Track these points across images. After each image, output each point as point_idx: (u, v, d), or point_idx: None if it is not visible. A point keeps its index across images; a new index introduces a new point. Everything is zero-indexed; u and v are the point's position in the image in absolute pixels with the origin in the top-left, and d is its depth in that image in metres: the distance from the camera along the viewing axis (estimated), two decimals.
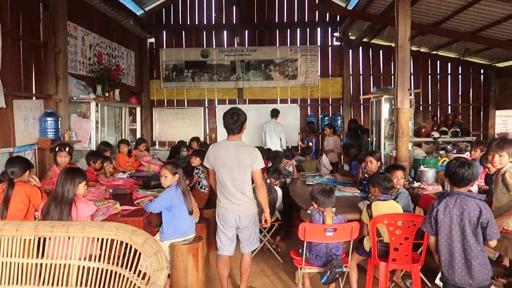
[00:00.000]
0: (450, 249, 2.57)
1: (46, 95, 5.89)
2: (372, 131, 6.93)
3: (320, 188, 3.12)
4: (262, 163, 3.28)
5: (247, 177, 3.28)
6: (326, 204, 3.08)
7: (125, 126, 7.87)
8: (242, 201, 3.30)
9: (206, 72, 10.26)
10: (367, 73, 10.27)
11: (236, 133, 3.33)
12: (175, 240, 3.41)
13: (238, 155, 3.25)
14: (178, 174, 3.42)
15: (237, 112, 3.32)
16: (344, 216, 3.14)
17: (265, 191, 3.36)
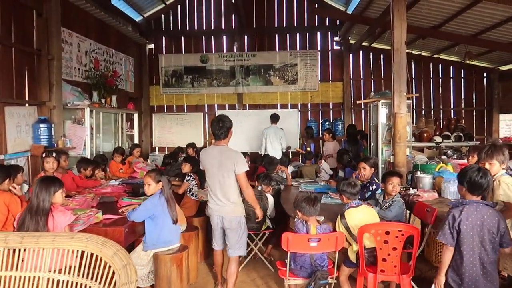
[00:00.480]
0: (473, 260, 2.51)
1: (40, 101, 5.87)
2: (370, 136, 6.81)
3: (304, 196, 3.02)
4: (244, 167, 3.42)
5: (231, 180, 3.43)
6: (311, 212, 2.98)
7: (123, 133, 7.83)
8: (225, 204, 3.47)
9: (205, 77, 10.22)
10: (368, 78, 10.16)
11: (222, 139, 3.50)
12: (159, 250, 3.33)
13: (221, 159, 3.45)
14: (162, 182, 3.34)
15: (222, 119, 3.50)
16: (329, 226, 3.03)
17: (251, 191, 3.50)
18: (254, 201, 3.58)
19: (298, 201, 3.03)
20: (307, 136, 8.82)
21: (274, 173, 5.26)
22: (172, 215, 3.35)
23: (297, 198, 3.06)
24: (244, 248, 3.61)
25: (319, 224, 2.99)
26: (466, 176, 2.59)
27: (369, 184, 4.30)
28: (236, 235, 3.53)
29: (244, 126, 9.90)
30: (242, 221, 3.57)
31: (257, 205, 3.63)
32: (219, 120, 3.48)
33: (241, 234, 3.56)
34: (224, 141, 3.52)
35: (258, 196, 4.31)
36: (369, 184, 4.29)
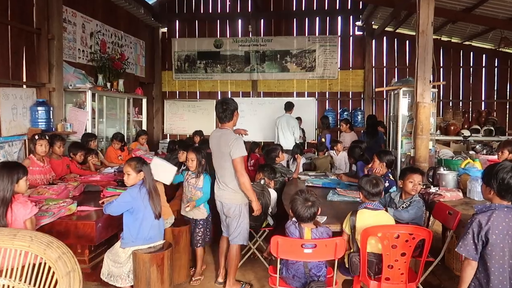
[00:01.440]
0: (503, 280, 2.06)
1: (39, 83, 5.62)
2: (389, 128, 6.26)
3: (300, 198, 2.57)
4: (241, 152, 3.25)
5: (228, 165, 3.32)
6: (303, 218, 2.55)
7: (129, 118, 7.54)
8: (224, 189, 3.41)
9: (219, 63, 9.82)
10: (391, 65, 9.51)
11: (227, 122, 3.39)
12: (139, 247, 2.97)
13: (220, 142, 3.36)
14: (143, 172, 2.97)
15: (226, 101, 3.40)
16: (327, 229, 2.58)
17: (246, 179, 3.28)
18: (249, 191, 3.33)
19: (293, 200, 2.60)
20: (323, 126, 8.31)
21: (278, 164, 4.82)
22: (154, 209, 2.98)
23: (294, 197, 2.61)
24: (244, 237, 3.48)
25: (316, 227, 2.55)
26: (496, 176, 2.10)
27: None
28: (235, 223, 3.42)
29: (258, 115, 9.51)
30: (241, 210, 3.42)
31: (253, 197, 3.37)
32: (222, 102, 3.38)
33: (240, 222, 3.43)
34: (228, 125, 3.41)
35: (260, 191, 3.89)
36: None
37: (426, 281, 3.20)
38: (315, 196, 2.59)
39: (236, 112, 3.43)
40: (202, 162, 3.64)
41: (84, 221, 2.80)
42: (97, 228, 2.79)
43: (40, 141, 4.11)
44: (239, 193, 3.38)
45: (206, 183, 3.63)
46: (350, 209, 3.35)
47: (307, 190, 2.59)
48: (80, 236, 2.75)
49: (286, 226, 2.61)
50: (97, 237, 2.79)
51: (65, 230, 2.77)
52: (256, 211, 3.46)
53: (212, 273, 3.93)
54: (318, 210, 2.58)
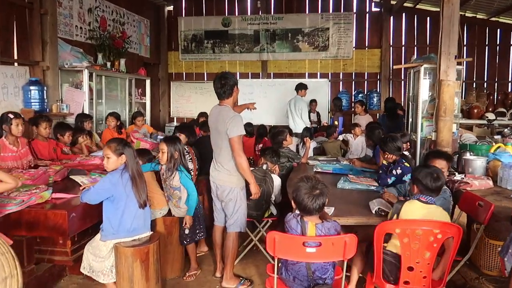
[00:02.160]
0: None
1: (32, 61, 5.29)
2: (408, 110, 5.76)
3: (306, 186, 2.15)
4: (239, 130, 2.98)
5: (225, 144, 3.06)
6: (307, 210, 2.12)
7: (131, 100, 7.19)
8: (219, 170, 3.15)
9: (227, 42, 9.36)
10: (411, 44, 8.89)
11: (225, 98, 3.12)
12: (121, 240, 2.63)
13: (217, 120, 3.11)
14: (125, 155, 2.60)
15: (225, 76, 3.13)
16: (335, 223, 2.16)
17: (243, 160, 2.99)
18: (246, 172, 3.03)
19: (296, 188, 2.19)
20: (335, 108, 7.83)
21: (286, 148, 4.40)
22: (139, 198, 2.63)
23: (298, 185, 2.18)
24: (241, 224, 3.20)
25: (322, 221, 2.15)
26: None
27: (393, 167, 3.32)
28: (231, 208, 3.16)
29: (268, 97, 9.06)
30: (237, 194, 3.14)
31: (251, 178, 3.08)
32: (221, 77, 3.12)
33: (237, 208, 3.15)
34: (227, 101, 3.13)
35: (262, 177, 3.51)
36: (393, 167, 3.31)
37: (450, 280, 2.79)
38: (323, 184, 2.17)
39: (235, 87, 3.14)
40: (175, 155, 3.15)
41: (55, 210, 2.45)
42: (70, 219, 2.44)
43: (16, 120, 3.67)
44: (235, 176, 3.12)
45: (184, 180, 3.17)
46: (363, 199, 2.96)
47: (314, 177, 2.16)
48: (51, 227, 2.41)
49: (286, 219, 2.20)
50: (70, 229, 2.44)
51: (34, 221, 2.44)
52: (254, 195, 3.12)
53: (209, 266, 3.59)
54: (327, 200, 2.17)
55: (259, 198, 3.42)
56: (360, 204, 2.81)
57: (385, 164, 3.34)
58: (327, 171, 3.94)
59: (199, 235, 3.42)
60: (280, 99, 8.56)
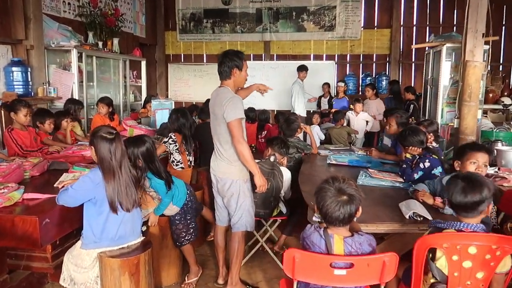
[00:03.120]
0: None
1: (13, 39, 4.80)
2: (425, 95, 5.32)
3: (331, 189, 1.68)
4: (237, 113, 2.60)
5: (222, 130, 2.70)
6: (334, 220, 1.67)
7: (126, 83, 6.72)
8: (218, 159, 2.79)
9: (228, 22, 8.82)
10: (423, 24, 8.35)
11: (226, 79, 2.75)
12: (107, 249, 2.22)
13: (214, 103, 2.76)
14: (93, 147, 2.17)
15: (227, 54, 2.76)
16: (369, 237, 1.72)
17: (245, 147, 2.62)
18: (249, 162, 2.65)
19: (319, 191, 1.74)
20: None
21: (295, 137, 3.96)
22: (124, 201, 2.19)
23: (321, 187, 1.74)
24: (247, 222, 2.79)
25: (352, 234, 1.75)
26: None
27: (420, 159, 2.88)
28: (233, 204, 2.77)
29: (270, 80, 8.54)
30: (240, 187, 2.74)
31: (254, 169, 2.68)
32: (222, 55, 2.77)
33: (241, 203, 2.75)
34: (228, 82, 2.75)
35: (270, 170, 3.09)
36: (420, 160, 2.87)
37: None
38: (353, 186, 1.72)
39: (235, 69, 2.72)
40: (139, 163, 2.64)
41: (24, 215, 2.03)
42: (43, 226, 2.01)
43: None
44: (236, 166, 2.73)
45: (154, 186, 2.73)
46: (390, 199, 2.54)
47: (341, 177, 1.74)
48: (19, 237, 1.99)
49: (305, 234, 1.76)
50: (42, 239, 2.02)
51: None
52: (260, 187, 2.71)
53: (211, 270, 3.20)
54: (359, 209, 1.72)
55: (267, 195, 3.02)
56: (388, 206, 2.38)
57: (409, 158, 2.90)
58: (342, 163, 3.51)
59: (194, 234, 3.01)
60: (283, 82, 8.07)
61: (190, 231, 2.96)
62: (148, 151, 2.70)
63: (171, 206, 2.82)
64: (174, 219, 2.89)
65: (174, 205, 2.83)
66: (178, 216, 2.89)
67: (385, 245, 2.42)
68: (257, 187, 2.71)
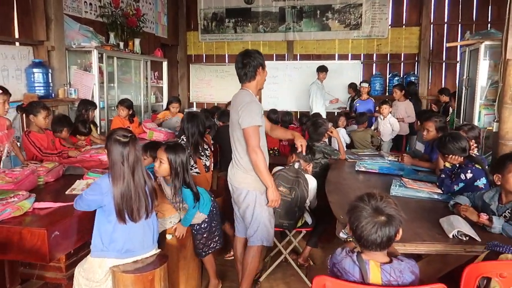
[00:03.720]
0: None
1: (35, 41, 4.77)
2: (460, 96, 5.00)
3: (367, 208, 1.46)
4: (253, 120, 2.42)
5: (238, 136, 2.55)
6: (370, 244, 1.45)
7: (148, 84, 6.64)
8: (235, 167, 2.63)
9: (250, 21, 8.65)
10: (454, 21, 7.94)
11: (247, 81, 2.57)
12: (115, 261, 2.07)
13: (232, 107, 2.63)
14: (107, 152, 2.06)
15: (248, 54, 2.57)
16: (410, 262, 1.48)
17: (259, 157, 2.43)
18: (262, 173, 2.46)
19: (353, 210, 1.50)
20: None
21: (322, 142, 3.74)
22: (136, 211, 2.04)
23: (354, 204, 1.51)
24: (263, 236, 2.61)
25: (390, 260, 1.49)
26: None
27: (461, 170, 2.60)
28: (248, 216, 2.61)
29: (293, 81, 8.38)
30: (255, 198, 2.56)
31: (268, 181, 2.49)
32: (243, 55, 2.56)
33: (256, 215, 2.58)
34: (249, 85, 2.57)
35: (294, 178, 2.88)
36: (461, 171, 2.59)
37: None
38: (393, 205, 1.49)
39: (260, 68, 2.56)
40: (178, 169, 2.49)
41: (32, 228, 1.90)
42: (52, 239, 1.88)
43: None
44: (252, 175, 2.55)
45: (187, 198, 2.57)
46: (428, 213, 2.29)
47: (379, 195, 1.50)
48: (27, 250, 1.87)
49: (336, 259, 1.52)
50: (51, 253, 1.89)
51: (5, 241, 1.90)
52: (271, 202, 2.53)
53: (232, 283, 3.03)
54: (399, 231, 1.48)
55: (291, 204, 2.82)
56: (428, 221, 2.14)
57: (449, 168, 2.64)
58: (371, 170, 3.27)
59: (218, 243, 2.87)
60: (306, 83, 7.82)
61: (215, 239, 2.83)
62: (187, 159, 2.58)
63: (198, 214, 2.67)
64: (200, 227, 2.74)
65: (201, 213, 2.69)
66: (204, 224, 2.75)
67: (423, 264, 2.17)
68: (269, 201, 2.53)
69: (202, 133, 3.44)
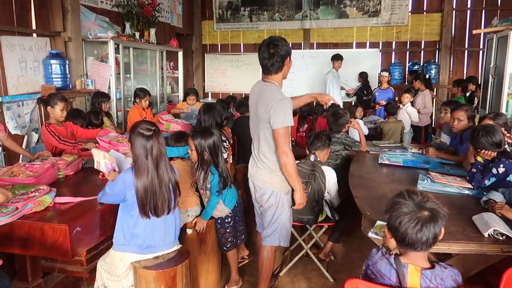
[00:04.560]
0: None
1: (52, 32, 4.75)
2: (486, 85, 4.82)
3: (408, 204, 1.37)
4: (286, 120, 2.26)
5: (265, 135, 2.38)
6: (412, 244, 1.35)
7: (163, 74, 6.60)
8: (259, 166, 2.47)
9: (266, 9, 8.49)
10: (478, 7, 7.66)
11: (273, 73, 2.38)
12: (136, 256, 2.04)
13: (257, 102, 2.40)
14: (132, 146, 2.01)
15: (275, 42, 2.36)
16: (453, 271, 1.39)
17: (290, 159, 2.31)
18: (292, 177, 2.36)
19: (393, 207, 1.40)
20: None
21: (342, 133, 3.64)
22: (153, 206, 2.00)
23: (394, 202, 1.41)
24: (280, 237, 2.53)
25: (431, 266, 1.38)
26: None
27: (492, 164, 2.44)
28: (269, 216, 2.51)
29: (310, 70, 8.24)
30: (279, 199, 2.47)
31: (297, 185, 2.39)
32: (269, 43, 2.35)
33: (277, 216, 2.50)
34: (275, 77, 2.39)
35: (310, 172, 2.81)
36: (492, 165, 2.43)
37: None
38: (435, 201, 1.40)
39: (288, 58, 2.39)
40: (205, 155, 2.50)
41: (54, 223, 1.88)
42: (74, 235, 1.86)
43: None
44: (279, 175, 2.43)
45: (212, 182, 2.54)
46: (458, 209, 2.19)
47: (419, 192, 1.41)
48: (49, 247, 1.85)
49: (371, 261, 1.44)
50: (73, 249, 1.87)
51: (27, 237, 1.88)
52: (298, 205, 2.45)
53: (251, 277, 2.99)
54: (442, 230, 1.39)
55: (308, 199, 2.74)
56: (459, 219, 2.05)
57: (481, 162, 2.51)
58: (395, 163, 3.17)
59: (240, 238, 2.83)
60: (323, 72, 7.71)
61: (238, 234, 2.79)
62: (215, 144, 2.53)
63: (222, 207, 2.63)
64: (223, 221, 2.70)
65: (226, 207, 2.64)
66: (228, 219, 2.71)
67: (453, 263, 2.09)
68: (296, 204, 2.45)
69: (220, 124, 3.38)
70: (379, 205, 2.27)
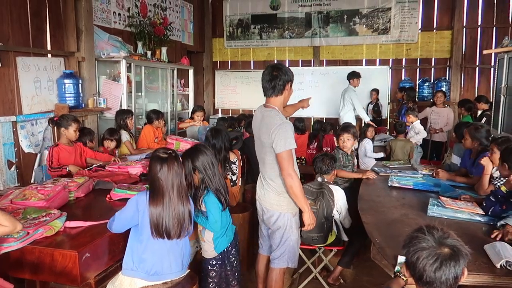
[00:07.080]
0: None
1: (66, 52, 4.86)
2: (496, 104, 4.77)
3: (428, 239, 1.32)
4: (288, 143, 2.31)
5: (270, 159, 2.43)
6: (433, 284, 1.28)
7: (174, 92, 6.68)
8: (266, 188, 2.52)
9: (276, 27, 8.59)
10: (489, 24, 7.64)
11: (273, 95, 2.46)
12: (144, 283, 2.04)
13: (260, 128, 2.48)
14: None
15: (278, 67, 2.46)
16: None
17: (295, 181, 2.33)
18: (299, 198, 2.38)
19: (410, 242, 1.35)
20: (407, 98, 6.81)
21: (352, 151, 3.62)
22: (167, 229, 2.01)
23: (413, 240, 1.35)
24: (289, 259, 2.55)
25: None
26: None
27: None
28: (277, 238, 2.53)
29: (320, 87, 8.27)
30: (287, 221, 2.50)
31: (304, 206, 2.41)
32: (273, 67, 2.45)
33: (286, 238, 2.51)
34: (275, 101, 2.46)
35: (317, 190, 2.81)
36: None
37: None
38: (457, 238, 1.35)
39: (288, 85, 2.47)
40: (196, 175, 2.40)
41: (63, 249, 1.89)
42: (83, 262, 1.87)
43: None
44: (286, 197, 2.47)
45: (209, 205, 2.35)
46: (469, 236, 2.14)
47: (439, 228, 1.35)
48: (58, 272, 1.86)
49: None
50: (82, 275, 1.88)
51: (38, 262, 1.90)
52: (307, 226, 2.44)
53: None
54: (465, 270, 1.33)
55: (318, 216, 2.73)
56: (469, 247, 1.99)
57: (503, 192, 2.35)
58: (405, 186, 3.13)
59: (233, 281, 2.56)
60: (333, 89, 7.78)
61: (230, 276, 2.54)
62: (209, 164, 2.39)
63: (209, 246, 2.43)
64: (208, 262, 2.48)
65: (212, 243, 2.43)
66: (214, 261, 2.48)
67: None
68: (305, 225, 2.43)
69: (228, 148, 3.38)
70: (389, 231, 2.25)
